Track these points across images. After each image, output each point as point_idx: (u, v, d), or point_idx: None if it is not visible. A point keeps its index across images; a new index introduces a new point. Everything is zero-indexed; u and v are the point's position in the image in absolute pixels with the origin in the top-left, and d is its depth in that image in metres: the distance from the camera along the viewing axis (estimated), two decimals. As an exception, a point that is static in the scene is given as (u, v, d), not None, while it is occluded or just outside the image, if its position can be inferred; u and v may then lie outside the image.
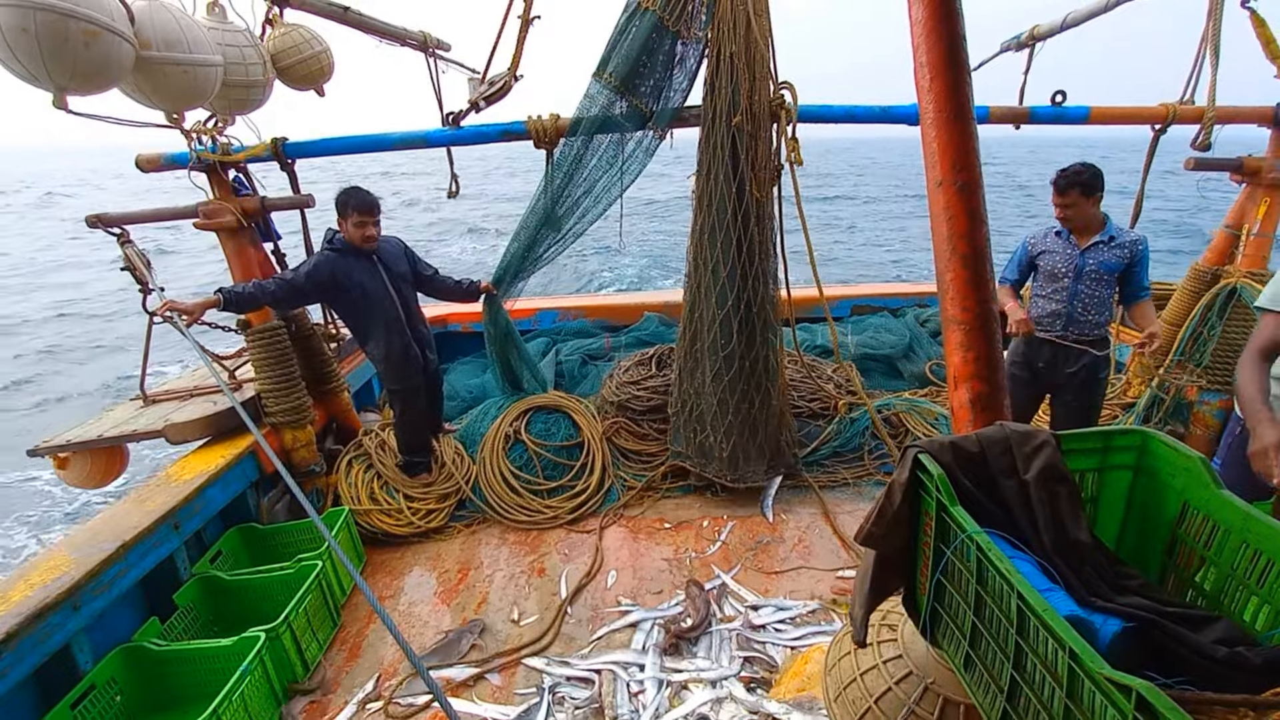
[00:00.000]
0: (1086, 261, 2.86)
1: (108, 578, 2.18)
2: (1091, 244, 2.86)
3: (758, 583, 2.81)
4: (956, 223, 1.14)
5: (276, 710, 2.24)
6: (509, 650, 2.48)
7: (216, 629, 2.61)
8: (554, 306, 5.35)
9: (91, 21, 2.09)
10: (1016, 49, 3.94)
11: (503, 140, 3.23)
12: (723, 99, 2.90)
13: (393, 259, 3.29)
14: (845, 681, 1.34)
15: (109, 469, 3.09)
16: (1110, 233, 2.86)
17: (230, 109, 3.02)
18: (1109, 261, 2.84)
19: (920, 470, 1.01)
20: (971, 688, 0.94)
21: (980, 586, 0.88)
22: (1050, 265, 2.94)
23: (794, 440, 3.65)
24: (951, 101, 1.14)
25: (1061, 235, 2.94)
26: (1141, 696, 0.58)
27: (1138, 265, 2.85)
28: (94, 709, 2.05)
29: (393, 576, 3.01)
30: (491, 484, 3.47)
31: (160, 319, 2.80)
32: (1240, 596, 0.92)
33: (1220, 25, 3.04)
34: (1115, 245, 2.84)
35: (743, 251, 3.04)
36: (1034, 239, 3.04)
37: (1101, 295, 2.89)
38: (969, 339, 1.13)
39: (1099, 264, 2.85)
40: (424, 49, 3.65)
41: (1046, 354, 3.00)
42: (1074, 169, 2.81)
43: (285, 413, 3.16)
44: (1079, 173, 2.79)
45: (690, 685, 2.26)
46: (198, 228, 3.10)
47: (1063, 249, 2.92)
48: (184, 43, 2.47)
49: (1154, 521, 1.07)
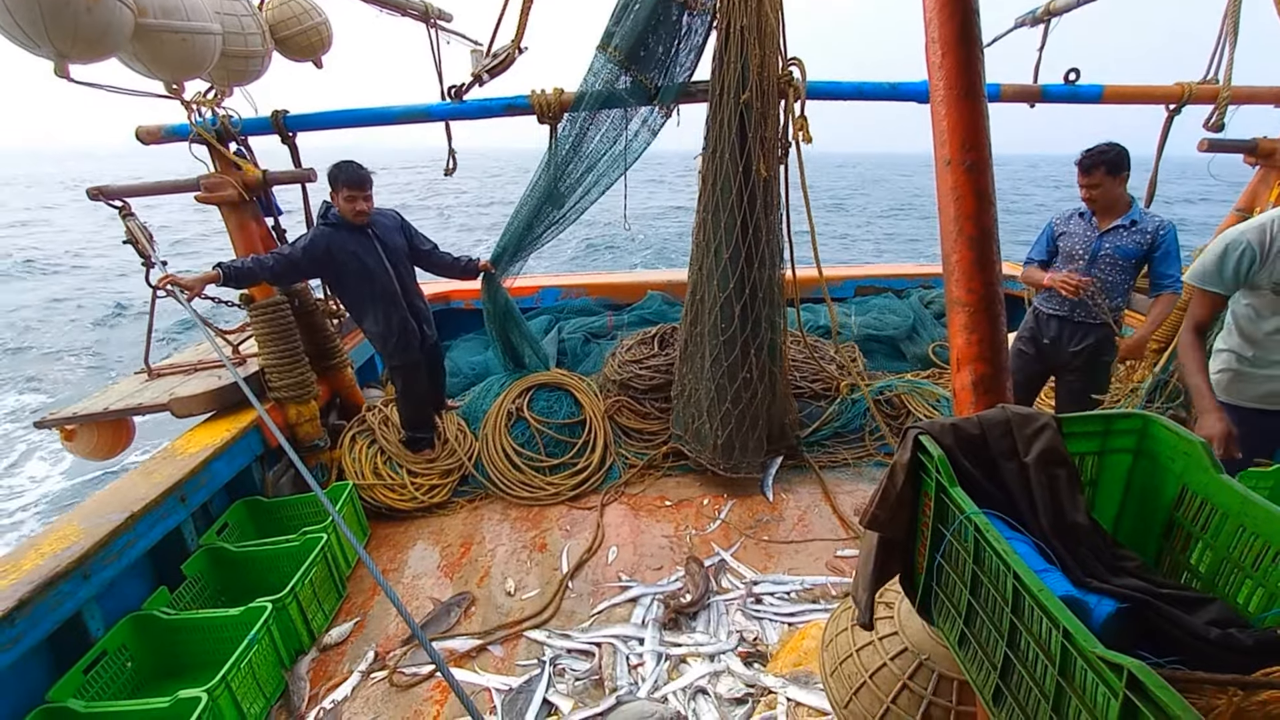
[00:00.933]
0: (1102, 245, 2.81)
1: (117, 547, 2.22)
2: (1111, 227, 2.80)
3: (757, 560, 2.85)
4: (964, 203, 1.12)
5: (284, 678, 2.29)
6: (511, 623, 2.53)
7: (224, 599, 2.66)
8: (556, 284, 5.33)
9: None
10: (1031, 24, 3.85)
11: (506, 115, 3.19)
12: (732, 74, 2.83)
13: (389, 233, 3.26)
14: (841, 657, 1.37)
15: (115, 441, 3.12)
16: (1133, 216, 2.79)
17: (229, 80, 2.98)
18: (1126, 247, 2.79)
19: (921, 452, 1.01)
20: (966, 664, 0.95)
21: (977, 566, 0.89)
22: (1069, 247, 2.91)
23: (796, 422, 3.65)
24: (962, 79, 1.11)
25: (1084, 217, 2.89)
26: (1133, 675, 0.59)
27: (1159, 254, 2.77)
28: (105, 674, 2.11)
29: (396, 550, 3.05)
30: (494, 460, 3.50)
31: (163, 292, 2.80)
32: (1235, 579, 0.92)
33: (1240, 4, 2.96)
34: (1136, 230, 2.78)
35: (747, 233, 2.99)
36: (1059, 220, 3.00)
37: (1115, 280, 2.84)
38: (973, 321, 1.13)
39: (1114, 249, 2.79)
40: (425, 19, 3.58)
41: (1053, 329, 2.98)
42: (1100, 148, 2.74)
43: (289, 388, 3.18)
44: (1104, 151, 2.73)
45: (689, 659, 2.30)
46: (199, 201, 3.09)
47: (1082, 231, 2.87)
48: (182, 10, 2.43)
49: (1152, 505, 1.07)
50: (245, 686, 2.06)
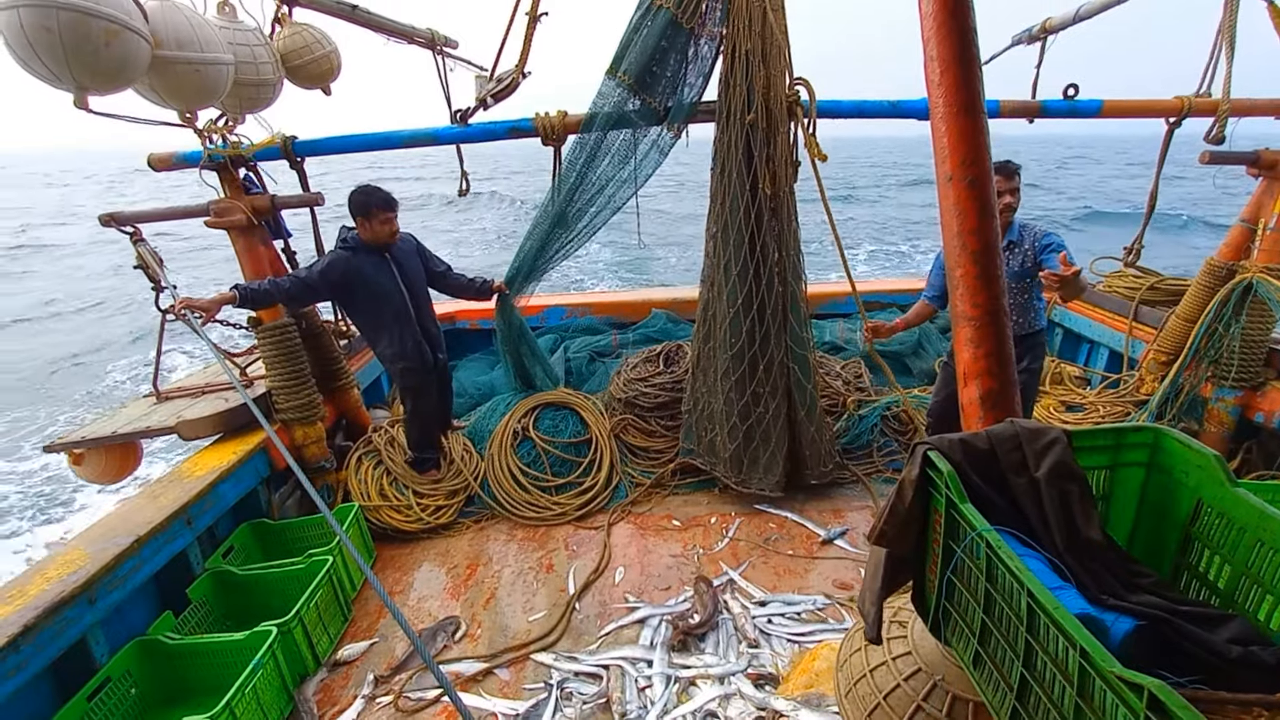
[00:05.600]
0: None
1: (122, 572, 2.21)
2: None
3: (766, 579, 2.81)
4: (967, 218, 1.13)
5: (289, 702, 2.27)
6: (517, 645, 2.49)
7: (229, 623, 2.64)
8: (561, 303, 5.35)
9: (112, 20, 2.11)
10: (1028, 42, 3.89)
11: (510, 137, 3.23)
12: (737, 96, 2.88)
13: (406, 256, 3.32)
14: (855, 678, 1.34)
15: (123, 465, 3.13)
16: (1011, 237, 2.75)
17: (241, 108, 3.04)
18: (1012, 269, 2.74)
19: (930, 468, 1.00)
20: (981, 685, 0.93)
21: (990, 584, 0.88)
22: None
23: (830, 451, 3.50)
24: (962, 95, 1.13)
25: None
26: (1154, 695, 0.58)
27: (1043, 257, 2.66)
28: (109, 701, 2.09)
29: (402, 572, 3.03)
30: (500, 480, 3.49)
31: (174, 316, 2.83)
32: (1255, 595, 0.90)
33: (1236, 16, 2.99)
34: (1020, 250, 2.73)
35: (755, 250, 3.01)
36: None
37: (1021, 301, 2.81)
38: (979, 335, 1.13)
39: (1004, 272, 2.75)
40: (432, 46, 3.66)
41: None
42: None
43: (296, 409, 3.19)
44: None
45: (698, 681, 2.27)
46: (209, 225, 3.13)
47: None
48: (196, 42, 2.49)
49: (1167, 519, 1.05)
50: (250, 712, 2.04)
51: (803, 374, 3.24)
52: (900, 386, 3.40)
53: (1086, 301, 4.51)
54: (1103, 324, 4.33)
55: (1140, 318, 4.07)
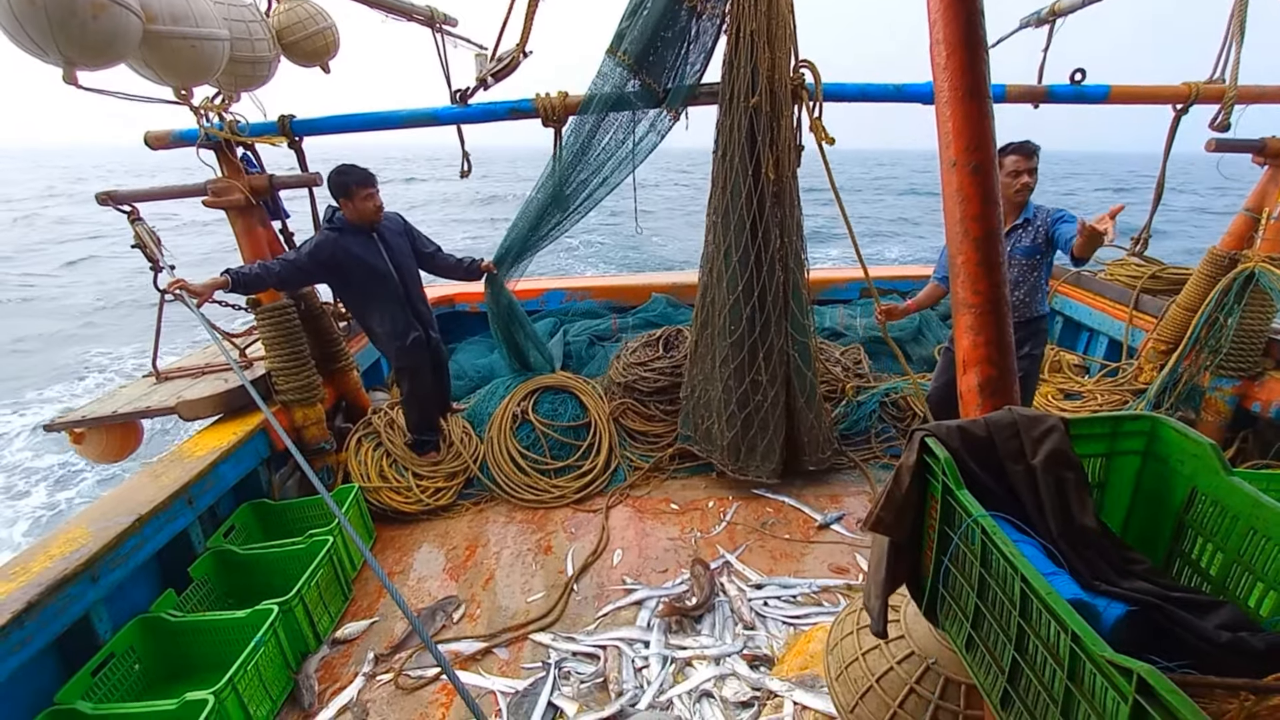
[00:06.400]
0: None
1: (125, 550, 2.23)
2: (1012, 227, 2.78)
3: (762, 563, 2.84)
4: (970, 205, 1.12)
5: (290, 679, 2.30)
6: (516, 625, 2.52)
7: (230, 601, 2.67)
8: (561, 287, 5.34)
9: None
10: (1036, 25, 3.83)
11: (510, 118, 3.19)
12: (741, 78, 2.82)
13: (393, 236, 3.30)
14: (847, 660, 1.36)
15: (124, 444, 3.14)
16: (1026, 215, 2.77)
17: (236, 85, 3.00)
18: (1024, 246, 2.76)
19: (927, 454, 1.01)
20: (973, 668, 0.94)
21: (984, 569, 0.89)
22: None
23: (829, 438, 3.52)
24: (967, 79, 1.11)
25: None
26: (1142, 679, 0.59)
27: (1055, 228, 2.69)
28: (113, 676, 2.12)
29: (402, 553, 3.05)
30: (499, 463, 3.50)
31: (171, 296, 2.82)
32: (1246, 582, 0.91)
33: (1246, 3, 2.95)
34: (1032, 228, 2.76)
35: (756, 236, 2.99)
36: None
37: (1029, 280, 2.82)
38: (979, 322, 1.12)
39: (1015, 249, 2.76)
40: (430, 24, 3.60)
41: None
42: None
43: (295, 391, 3.19)
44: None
45: (694, 662, 2.30)
46: (206, 205, 3.10)
47: None
48: (190, 17, 2.45)
49: (1162, 507, 1.06)
50: (252, 689, 2.07)
51: (803, 361, 3.24)
52: (910, 371, 3.39)
53: (1087, 289, 4.50)
54: (1103, 312, 4.33)
55: (1141, 306, 4.06)
